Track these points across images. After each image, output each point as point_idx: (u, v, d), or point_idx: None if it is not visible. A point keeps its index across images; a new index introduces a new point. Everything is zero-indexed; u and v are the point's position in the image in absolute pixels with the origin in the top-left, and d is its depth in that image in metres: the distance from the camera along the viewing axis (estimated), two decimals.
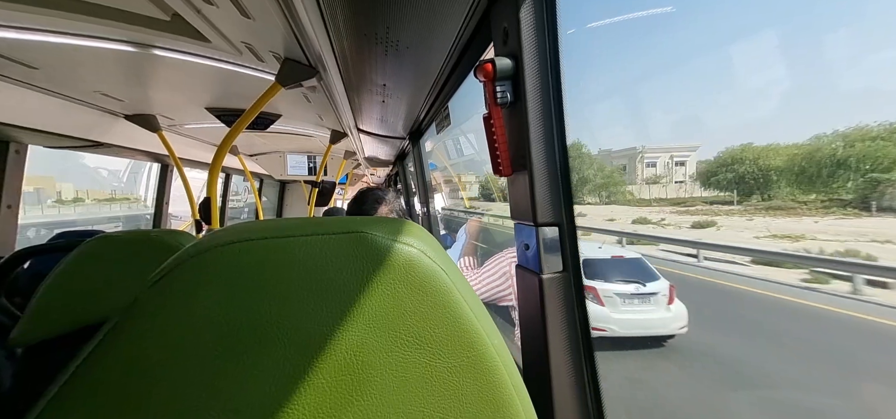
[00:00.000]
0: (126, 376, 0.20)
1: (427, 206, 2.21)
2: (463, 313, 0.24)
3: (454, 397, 0.23)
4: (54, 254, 1.14)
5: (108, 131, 1.70)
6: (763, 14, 40.88)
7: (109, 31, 0.89)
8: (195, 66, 1.12)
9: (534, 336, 0.62)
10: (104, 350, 0.20)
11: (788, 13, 44.86)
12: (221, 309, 0.21)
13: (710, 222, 9.35)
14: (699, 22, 49.23)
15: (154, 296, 0.21)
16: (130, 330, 0.20)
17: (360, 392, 0.22)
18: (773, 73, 42.63)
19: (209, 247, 0.22)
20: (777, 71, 42.70)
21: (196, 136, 2.15)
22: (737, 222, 9.34)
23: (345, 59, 0.97)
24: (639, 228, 9.59)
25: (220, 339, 0.21)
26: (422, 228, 0.27)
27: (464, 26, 0.74)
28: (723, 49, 44.82)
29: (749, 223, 9.03)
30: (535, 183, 0.56)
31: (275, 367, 0.21)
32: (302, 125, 2.11)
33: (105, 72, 1.16)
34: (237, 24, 0.86)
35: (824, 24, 42.05)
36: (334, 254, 0.23)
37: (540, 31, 0.54)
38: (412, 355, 0.23)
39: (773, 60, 41.70)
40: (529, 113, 0.55)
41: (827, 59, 41.60)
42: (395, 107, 1.39)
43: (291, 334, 0.21)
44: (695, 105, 47.48)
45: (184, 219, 3.97)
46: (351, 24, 0.77)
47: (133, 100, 1.45)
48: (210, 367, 0.20)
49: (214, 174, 1.34)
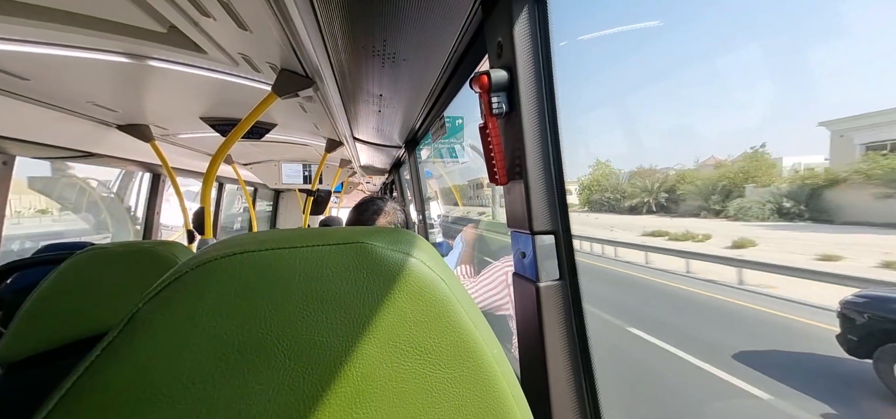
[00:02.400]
0: (126, 392, 0.19)
1: (423, 215, 2.22)
2: (463, 323, 0.24)
3: (454, 408, 0.23)
4: (40, 267, 1.11)
5: (100, 142, 1.68)
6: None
7: (104, 42, 0.89)
8: (191, 76, 1.12)
9: (531, 345, 0.62)
10: (100, 367, 0.20)
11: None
12: (222, 321, 0.21)
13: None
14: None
15: (154, 310, 0.21)
16: (129, 344, 0.20)
17: (361, 403, 0.22)
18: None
19: (209, 259, 0.22)
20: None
21: (190, 146, 2.13)
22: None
23: (342, 70, 0.98)
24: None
25: (221, 352, 0.20)
26: (421, 238, 0.27)
27: (459, 39, 0.75)
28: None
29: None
30: (530, 191, 0.57)
31: (275, 380, 0.21)
32: (297, 134, 2.11)
33: (99, 82, 1.15)
34: (234, 36, 0.87)
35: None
36: (334, 265, 0.23)
37: (533, 44, 0.56)
38: (412, 366, 0.23)
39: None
40: (524, 123, 0.56)
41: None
42: (391, 116, 1.40)
43: (292, 346, 0.21)
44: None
45: (173, 229, 3.91)
46: (348, 37, 0.78)
47: (127, 110, 1.44)
48: (211, 382, 0.20)
49: (208, 184, 1.33)
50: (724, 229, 10.49)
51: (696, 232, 10.68)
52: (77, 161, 1.83)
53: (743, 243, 8.93)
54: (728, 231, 10.15)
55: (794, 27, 43.16)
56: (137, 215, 4.27)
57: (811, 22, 42.67)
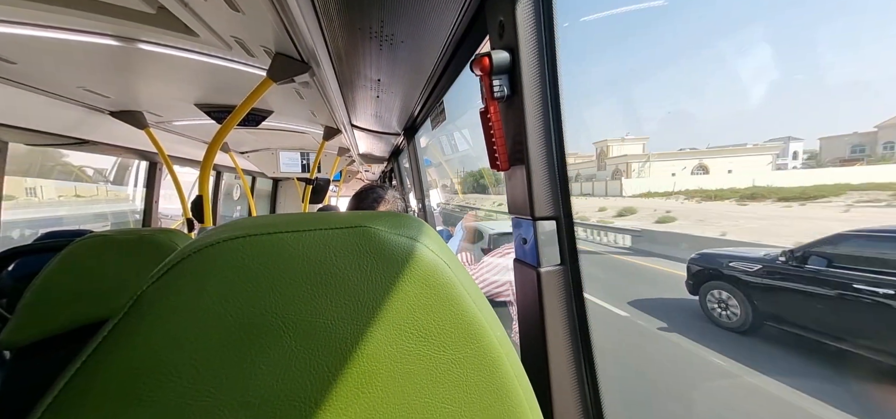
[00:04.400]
0: (133, 375, 0.19)
1: (423, 203, 2.21)
2: (466, 306, 0.24)
3: (459, 389, 0.23)
4: (41, 254, 1.11)
5: (93, 128, 1.65)
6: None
7: (92, 24, 0.86)
8: (183, 60, 1.09)
9: (532, 329, 0.62)
10: (107, 350, 0.20)
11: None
12: (227, 303, 0.21)
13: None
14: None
15: (158, 292, 0.21)
16: (134, 328, 0.20)
17: (367, 384, 0.22)
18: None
19: (213, 242, 0.21)
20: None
21: (185, 133, 2.10)
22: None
23: (338, 54, 0.95)
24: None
25: (227, 332, 0.20)
26: (424, 223, 0.27)
27: (459, 20, 0.73)
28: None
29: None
30: (532, 177, 0.56)
31: (282, 361, 0.21)
32: (294, 121, 2.08)
33: (88, 67, 1.12)
34: (226, 18, 0.84)
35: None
36: (338, 248, 0.23)
37: (536, 24, 0.54)
38: (417, 348, 0.23)
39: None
40: (526, 107, 0.55)
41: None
42: (389, 102, 1.37)
43: (297, 328, 0.21)
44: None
45: (174, 217, 3.90)
46: (344, 19, 0.76)
47: (119, 96, 1.41)
48: (217, 362, 0.20)
49: (206, 172, 1.31)
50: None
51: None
52: (71, 148, 1.80)
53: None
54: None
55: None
56: (136, 205, 4.25)
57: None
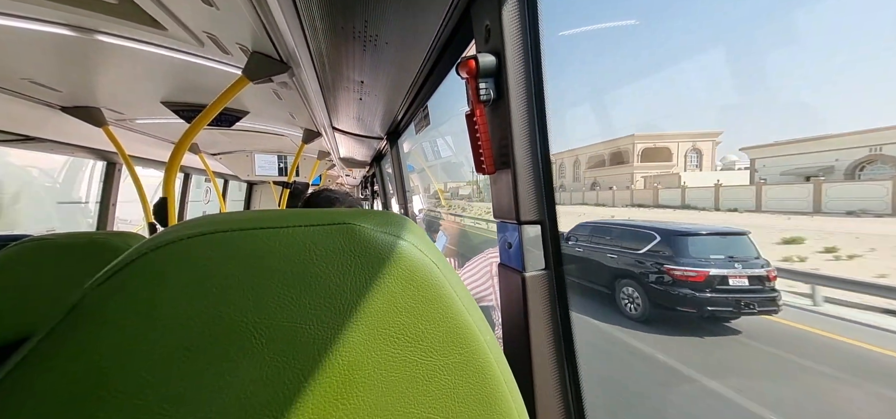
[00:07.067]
0: (70, 390, 0.17)
1: (406, 208, 2.18)
2: (456, 309, 0.23)
3: (447, 396, 0.22)
4: None
5: (41, 125, 1.51)
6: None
7: (39, 11, 0.78)
8: (149, 55, 1.02)
9: (516, 334, 0.61)
10: (35, 363, 0.17)
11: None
12: (188, 307, 0.18)
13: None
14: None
15: (103, 296, 0.18)
16: (71, 337, 0.17)
17: (348, 393, 0.20)
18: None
19: (173, 239, 0.19)
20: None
21: (150, 133, 1.96)
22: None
23: (320, 55, 0.93)
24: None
25: (186, 341, 0.18)
26: (411, 221, 0.25)
27: (445, 22, 0.73)
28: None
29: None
30: (518, 180, 0.56)
31: (253, 370, 0.19)
32: (272, 123, 2.00)
33: (35, 58, 1.02)
34: (198, 12, 0.79)
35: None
36: (319, 246, 0.21)
37: (522, 28, 0.55)
38: (403, 353, 0.21)
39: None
40: (512, 110, 0.55)
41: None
42: (372, 105, 1.35)
43: (272, 334, 0.19)
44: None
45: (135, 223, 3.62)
46: (327, 18, 0.74)
47: (73, 90, 1.29)
48: (177, 373, 0.18)
49: (172, 173, 1.23)
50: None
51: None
52: (15, 146, 1.63)
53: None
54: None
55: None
56: (90, 208, 3.91)
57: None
